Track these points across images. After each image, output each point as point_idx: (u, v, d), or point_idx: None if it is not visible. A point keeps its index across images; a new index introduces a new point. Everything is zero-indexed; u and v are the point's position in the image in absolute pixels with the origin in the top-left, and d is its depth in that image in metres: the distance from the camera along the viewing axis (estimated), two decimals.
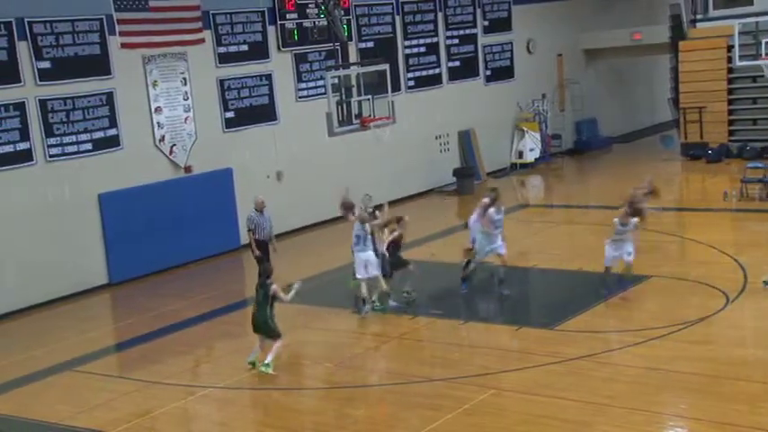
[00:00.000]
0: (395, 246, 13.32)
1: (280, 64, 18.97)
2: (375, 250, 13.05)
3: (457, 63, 23.11)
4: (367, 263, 12.77)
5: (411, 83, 21.88)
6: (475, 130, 23.31)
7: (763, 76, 21.32)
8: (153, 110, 16.78)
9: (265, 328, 10.92)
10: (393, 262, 13.25)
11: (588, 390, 9.65)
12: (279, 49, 18.93)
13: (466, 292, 13.39)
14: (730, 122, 22.98)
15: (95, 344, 12.85)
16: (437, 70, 22.62)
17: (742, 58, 21.18)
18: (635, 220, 12.93)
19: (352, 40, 19.96)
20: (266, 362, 10.76)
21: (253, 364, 10.96)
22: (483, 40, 23.74)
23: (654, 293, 12.85)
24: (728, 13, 23.14)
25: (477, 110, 23.40)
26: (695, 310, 11.87)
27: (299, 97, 19.37)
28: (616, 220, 12.92)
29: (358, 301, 12.94)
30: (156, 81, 16.80)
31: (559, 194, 22.56)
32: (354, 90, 15.02)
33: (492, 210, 13.38)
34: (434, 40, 22.51)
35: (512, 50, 24.55)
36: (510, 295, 13.19)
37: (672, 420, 9.03)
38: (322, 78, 18.44)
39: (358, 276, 12.87)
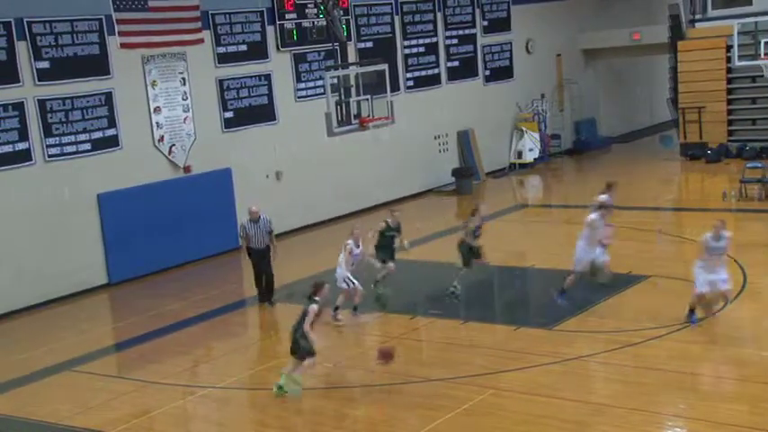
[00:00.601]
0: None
1: (279, 64, 18.97)
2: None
3: (456, 63, 23.12)
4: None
5: (410, 83, 21.88)
6: (474, 130, 23.31)
7: (762, 75, 21.32)
8: (152, 110, 16.77)
9: (296, 346, 10.03)
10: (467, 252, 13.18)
11: (587, 390, 9.66)
12: (278, 49, 18.93)
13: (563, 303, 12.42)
14: (729, 122, 22.97)
15: (94, 344, 12.84)
16: (436, 70, 22.62)
17: (741, 58, 21.18)
18: (729, 234, 11.14)
19: (351, 41, 19.96)
20: (294, 376, 10.03)
21: (280, 387, 10.10)
22: (482, 40, 23.74)
23: (653, 293, 12.85)
24: (727, 13, 23.15)
25: (476, 110, 23.41)
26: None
27: (299, 97, 19.37)
28: (708, 236, 11.08)
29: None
30: (155, 81, 16.80)
31: (558, 194, 22.55)
32: (353, 90, 15.02)
33: (594, 216, 12.42)
34: (433, 40, 22.51)
35: (511, 50, 24.55)
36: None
37: (671, 420, 9.02)
38: (321, 78, 18.43)
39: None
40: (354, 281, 12.64)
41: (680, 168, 22.86)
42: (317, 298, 10.05)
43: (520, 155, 24.38)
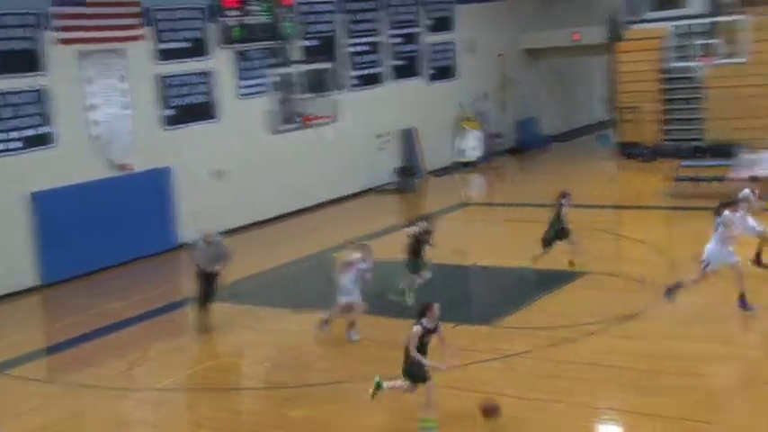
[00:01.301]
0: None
1: (221, 61, 18.78)
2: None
3: (400, 62, 23.19)
4: None
5: (354, 81, 21.87)
6: (417, 128, 23.40)
7: (695, 77, 21.86)
8: (89, 107, 16.45)
9: (404, 370, 9.09)
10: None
11: (528, 386, 9.75)
12: (221, 46, 18.73)
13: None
14: (664, 122, 23.49)
15: (26, 347, 12.51)
16: (380, 69, 22.65)
17: (676, 59, 21.66)
18: None
19: (295, 39, 19.86)
20: (424, 417, 8.93)
21: (429, 424, 8.90)
22: (426, 39, 23.86)
23: (589, 289, 13.07)
24: (663, 16, 23.67)
25: (419, 109, 23.51)
26: (629, 305, 12.07)
27: (241, 95, 19.19)
28: None
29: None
30: (92, 78, 16.47)
31: (501, 193, 22.78)
32: (297, 88, 14.97)
33: (728, 213, 11.39)
34: (378, 38, 22.54)
35: (454, 50, 24.73)
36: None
37: (608, 414, 9.14)
38: (264, 76, 18.33)
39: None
40: (357, 296, 11.72)
41: (617, 167, 23.29)
42: (423, 320, 9.03)
43: (463, 153, 24.58)
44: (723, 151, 19.37)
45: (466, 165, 24.41)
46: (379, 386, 9.19)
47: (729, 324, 11.18)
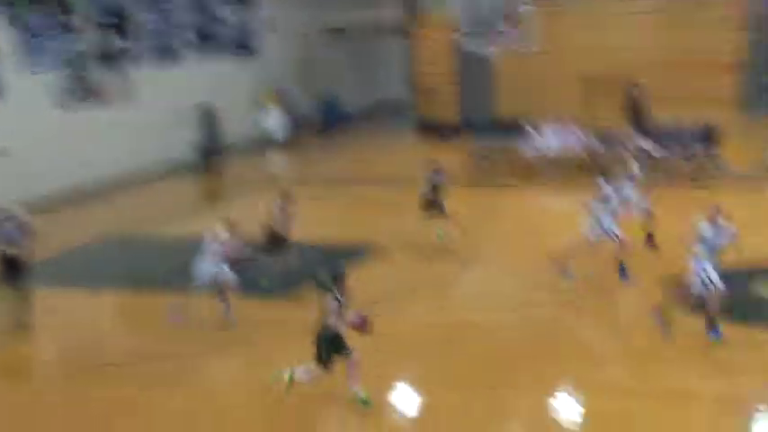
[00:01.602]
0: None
1: (4, 33, 17.43)
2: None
3: (200, 38, 22.64)
4: None
5: (150, 56, 21.06)
6: (218, 106, 23.00)
7: (489, 60, 23.03)
8: None
9: (317, 355, 8.68)
10: None
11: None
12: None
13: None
14: (461, 101, 24.58)
15: None
16: (179, 44, 21.99)
17: (470, 43, 22.67)
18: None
19: (87, 11, 18.80)
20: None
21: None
22: (227, 15, 23.43)
23: (390, 263, 13.47)
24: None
25: (220, 86, 23.11)
26: (431, 277, 12.57)
27: (27, 70, 17.89)
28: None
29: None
30: None
31: (305, 171, 22.88)
32: (89, 63, 14.29)
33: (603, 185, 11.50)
34: (176, 13, 21.84)
35: (257, 27, 24.49)
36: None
37: (404, 384, 9.36)
38: (53, 50, 17.25)
39: None
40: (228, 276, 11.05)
41: (416, 145, 24.08)
42: (336, 292, 8.56)
43: (267, 132, 24.46)
44: (512, 129, 20.54)
45: (269, 143, 24.32)
46: (291, 379, 8.76)
47: (521, 294, 11.88)
